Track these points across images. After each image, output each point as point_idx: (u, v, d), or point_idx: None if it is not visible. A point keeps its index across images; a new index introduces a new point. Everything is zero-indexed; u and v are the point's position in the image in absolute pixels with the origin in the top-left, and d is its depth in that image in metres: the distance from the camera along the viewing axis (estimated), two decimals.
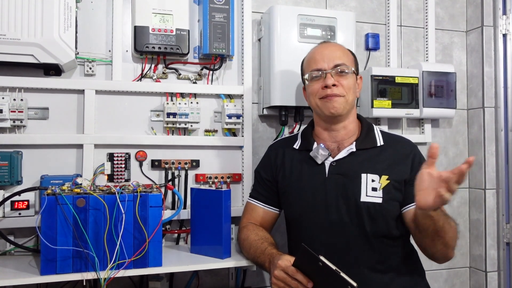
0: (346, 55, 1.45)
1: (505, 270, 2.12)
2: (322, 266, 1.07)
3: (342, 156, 1.41)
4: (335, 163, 1.41)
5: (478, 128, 2.19)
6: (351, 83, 1.41)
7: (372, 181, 1.36)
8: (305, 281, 1.15)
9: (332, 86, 1.38)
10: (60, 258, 1.28)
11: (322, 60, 1.42)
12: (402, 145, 1.43)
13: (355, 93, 1.44)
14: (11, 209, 1.53)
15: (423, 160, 1.36)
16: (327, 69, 1.40)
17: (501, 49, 2.15)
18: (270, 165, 1.55)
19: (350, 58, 1.45)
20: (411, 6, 2.17)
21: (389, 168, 1.37)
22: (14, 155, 1.54)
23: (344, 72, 1.39)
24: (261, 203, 1.54)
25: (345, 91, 1.39)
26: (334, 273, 1.06)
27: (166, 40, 1.68)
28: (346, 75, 1.40)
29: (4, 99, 1.54)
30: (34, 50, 1.47)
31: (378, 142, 1.42)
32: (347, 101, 1.40)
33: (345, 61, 1.41)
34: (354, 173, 1.38)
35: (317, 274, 1.12)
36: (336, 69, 1.39)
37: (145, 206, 1.36)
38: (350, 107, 1.42)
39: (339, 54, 1.42)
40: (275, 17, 1.78)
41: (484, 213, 2.14)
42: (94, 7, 1.70)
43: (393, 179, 1.35)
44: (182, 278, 1.77)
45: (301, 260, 1.16)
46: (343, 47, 1.49)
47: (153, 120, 1.75)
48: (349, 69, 1.40)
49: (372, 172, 1.37)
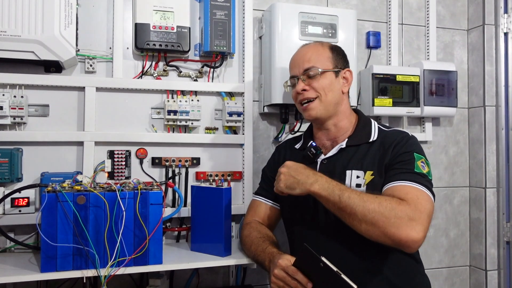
0: (318, 55, 1.43)
1: (505, 269, 2.12)
2: (323, 267, 1.07)
3: (332, 154, 1.41)
4: (326, 160, 1.42)
5: (479, 126, 2.19)
6: (325, 82, 1.40)
7: (357, 177, 1.34)
8: (305, 281, 1.14)
9: (302, 91, 1.41)
10: (60, 255, 1.28)
11: (294, 66, 1.46)
12: (391, 136, 1.38)
13: (334, 90, 1.41)
14: (11, 206, 1.53)
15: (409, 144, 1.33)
16: (298, 75, 1.43)
17: (503, 47, 2.15)
18: (275, 164, 1.57)
19: (324, 57, 1.43)
20: (412, 4, 2.17)
21: (374, 163, 1.34)
22: (15, 152, 1.54)
23: (312, 74, 1.41)
24: (266, 200, 1.55)
25: (318, 92, 1.40)
26: (335, 275, 1.05)
27: (167, 37, 1.68)
28: (316, 77, 1.40)
29: (4, 96, 1.54)
30: (35, 47, 1.47)
31: (372, 138, 1.40)
32: (322, 102, 1.40)
33: (314, 63, 1.41)
34: (340, 170, 1.37)
35: (318, 275, 1.12)
36: (305, 73, 1.42)
37: (145, 204, 1.36)
38: (331, 105, 1.41)
39: (308, 57, 1.43)
40: (276, 14, 1.77)
41: (485, 212, 2.14)
42: (94, 4, 1.70)
43: (377, 174, 1.33)
44: (182, 276, 1.77)
45: (302, 260, 1.16)
46: (319, 46, 1.46)
47: (153, 117, 1.75)
48: (316, 71, 1.40)
49: (358, 169, 1.35)
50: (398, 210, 1.16)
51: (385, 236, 1.15)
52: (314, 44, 1.49)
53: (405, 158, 1.30)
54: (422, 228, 1.15)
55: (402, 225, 1.14)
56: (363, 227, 1.17)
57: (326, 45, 1.46)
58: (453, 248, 2.20)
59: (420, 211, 1.17)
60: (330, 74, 1.42)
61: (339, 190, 1.21)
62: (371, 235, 1.18)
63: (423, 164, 1.30)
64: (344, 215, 1.20)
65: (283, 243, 1.64)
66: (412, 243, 1.15)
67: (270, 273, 1.24)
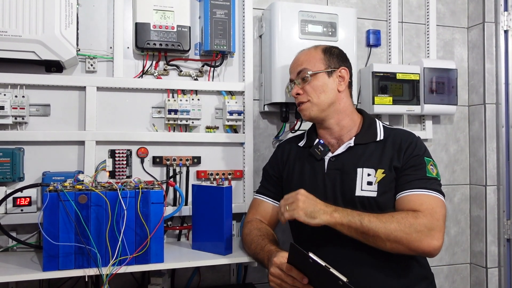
0: (309, 58, 1.46)
1: (505, 266, 2.13)
2: (312, 262, 1.08)
3: (341, 151, 1.43)
4: (334, 158, 1.43)
5: (479, 124, 2.19)
6: (316, 84, 1.43)
7: (368, 175, 1.36)
8: (300, 276, 1.15)
9: (296, 95, 1.47)
10: (62, 254, 1.29)
11: (291, 72, 1.53)
12: (400, 137, 1.42)
13: (326, 91, 1.43)
14: (13, 206, 1.53)
15: (418, 147, 1.38)
16: (294, 79, 1.49)
17: (503, 45, 2.15)
18: (277, 162, 1.58)
19: (315, 58, 1.46)
20: (412, 2, 2.17)
21: (386, 162, 1.37)
22: (16, 151, 1.54)
23: (304, 77, 1.45)
24: (268, 198, 1.56)
25: (309, 96, 1.44)
26: (324, 269, 1.06)
27: (167, 36, 1.68)
28: (307, 80, 1.44)
29: (5, 96, 1.54)
30: (36, 46, 1.48)
31: (378, 137, 1.42)
32: (314, 104, 1.43)
33: (305, 65, 1.45)
34: (350, 167, 1.39)
35: (310, 270, 1.13)
36: (298, 76, 1.47)
37: (146, 203, 1.36)
38: (324, 106, 1.43)
39: (301, 61, 1.48)
40: (276, 13, 1.78)
41: (485, 210, 2.15)
42: (95, 4, 1.70)
43: (388, 172, 1.36)
44: (183, 274, 1.78)
45: (293, 258, 1.17)
46: (312, 49, 1.50)
47: (154, 116, 1.75)
48: (306, 73, 1.44)
49: (368, 166, 1.37)
50: (416, 224, 1.23)
51: (410, 250, 1.24)
52: (308, 48, 1.53)
53: (416, 163, 1.35)
54: (440, 234, 1.25)
55: (423, 237, 1.22)
56: (388, 246, 1.24)
57: (319, 48, 1.50)
58: (454, 245, 2.20)
59: (437, 219, 1.25)
60: (322, 75, 1.44)
61: (358, 215, 1.25)
62: (397, 251, 1.25)
63: (432, 167, 1.36)
64: (367, 238, 1.25)
65: (284, 241, 1.64)
66: (434, 251, 1.24)
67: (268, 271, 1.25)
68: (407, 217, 1.24)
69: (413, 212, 1.26)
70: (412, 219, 1.24)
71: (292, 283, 1.17)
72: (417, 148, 1.39)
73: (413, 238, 1.22)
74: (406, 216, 1.25)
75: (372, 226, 1.23)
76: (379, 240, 1.23)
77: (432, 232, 1.23)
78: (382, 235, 1.22)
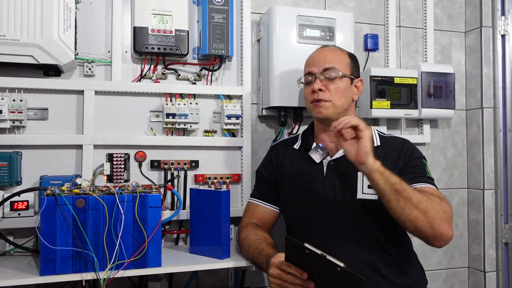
0: (339, 59, 1.46)
1: (503, 270, 2.13)
2: (309, 253, 1.08)
3: (340, 155, 1.43)
4: (333, 162, 1.43)
5: (476, 128, 2.19)
6: (341, 87, 1.42)
7: None
8: (299, 272, 1.15)
9: (318, 91, 1.42)
10: (59, 258, 1.29)
11: (313, 65, 1.46)
12: (396, 143, 1.45)
13: (347, 96, 1.45)
14: (10, 210, 1.53)
15: (415, 151, 1.42)
16: (317, 73, 1.44)
17: (500, 49, 2.16)
18: (271, 164, 1.57)
19: (344, 62, 1.46)
20: (410, 6, 2.18)
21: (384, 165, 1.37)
22: (14, 155, 1.54)
23: (331, 76, 1.42)
24: (262, 202, 1.56)
25: (332, 96, 1.42)
26: (321, 258, 1.06)
27: (165, 40, 1.68)
28: (334, 80, 1.42)
29: (3, 100, 1.54)
30: (34, 51, 1.48)
31: (375, 143, 1.43)
32: (334, 106, 1.42)
33: (335, 65, 1.43)
34: (350, 171, 1.38)
35: (308, 263, 1.13)
36: (324, 73, 1.43)
37: (144, 207, 1.36)
38: (341, 110, 1.44)
39: (330, 58, 1.45)
40: (274, 18, 1.78)
41: (483, 213, 2.15)
42: (93, 8, 1.71)
43: None
44: (181, 279, 1.78)
45: (290, 253, 1.17)
46: (339, 51, 1.50)
47: (152, 120, 1.75)
48: (337, 74, 1.42)
49: None
50: (443, 204, 1.24)
51: (430, 227, 1.20)
52: (334, 47, 1.52)
53: (417, 163, 1.38)
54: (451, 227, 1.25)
55: (445, 220, 1.22)
56: (413, 213, 1.20)
57: (345, 52, 1.50)
58: (452, 249, 2.20)
59: (451, 211, 1.27)
60: (347, 80, 1.45)
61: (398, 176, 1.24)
62: (417, 223, 1.20)
63: (428, 170, 1.40)
64: (398, 197, 1.20)
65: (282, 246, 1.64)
66: (447, 237, 1.23)
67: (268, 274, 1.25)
68: (434, 198, 1.25)
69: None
70: (439, 200, 1.25)
71: (292, 281, 1.16)
72: (415, 151, 1.42)
73: (439, 216, 1.20)
74: (433, 197, 1.25)
75: (408, 189, 1.21)
76: (409, 204, 1.19)
77: (450, 219, 1.24)
78: (415, 200, 1.19)
